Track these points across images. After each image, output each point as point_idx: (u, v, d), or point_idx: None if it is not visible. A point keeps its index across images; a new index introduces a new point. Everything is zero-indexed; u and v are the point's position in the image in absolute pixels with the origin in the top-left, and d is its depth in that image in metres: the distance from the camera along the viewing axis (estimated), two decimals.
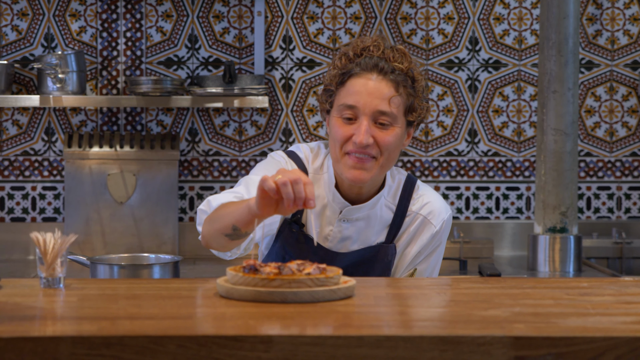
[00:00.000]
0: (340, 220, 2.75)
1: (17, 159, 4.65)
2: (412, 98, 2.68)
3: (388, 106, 2.64)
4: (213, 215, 2.55)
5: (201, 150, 4.69)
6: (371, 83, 2.65)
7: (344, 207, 2.74)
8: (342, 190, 2.75)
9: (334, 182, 2.74)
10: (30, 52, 4.64)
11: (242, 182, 2.70)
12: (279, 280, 2.13)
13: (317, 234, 2.76)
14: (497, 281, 2.50)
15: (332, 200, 2.75)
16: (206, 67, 4.68)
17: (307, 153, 2.80)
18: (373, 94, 2.64)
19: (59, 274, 2.30)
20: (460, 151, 4.77)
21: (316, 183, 2.77)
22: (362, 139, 2.62)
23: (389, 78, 2.65)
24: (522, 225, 4.77)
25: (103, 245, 4.55)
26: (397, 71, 2.66)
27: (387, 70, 2.65)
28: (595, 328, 1.93)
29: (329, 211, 2.76)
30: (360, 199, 2.75)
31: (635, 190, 4.83)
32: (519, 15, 4.77)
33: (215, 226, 2.51)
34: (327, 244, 2.76)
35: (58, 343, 1.82)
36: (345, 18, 4.71)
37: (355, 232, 2.76)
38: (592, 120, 4.81)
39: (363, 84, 2.66)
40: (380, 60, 2.66)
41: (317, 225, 2.76)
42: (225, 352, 1.83)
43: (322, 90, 2.74)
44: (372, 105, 2.64)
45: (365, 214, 2.75)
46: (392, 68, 2.66)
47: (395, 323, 2.02)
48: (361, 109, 2.64)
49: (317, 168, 2.78)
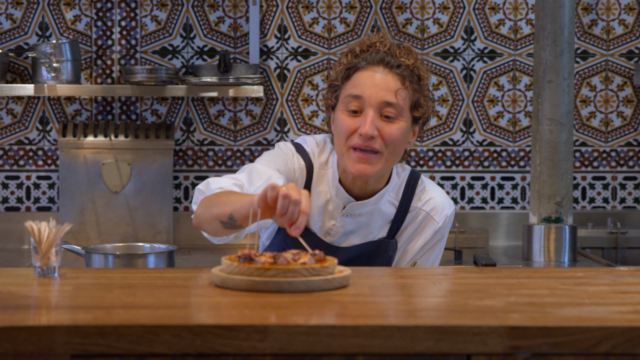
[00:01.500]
0: (343, 216, 2.74)
1: (11, 148, 4.64)
2: (418, 94, 2.67)
3: (394, 98, 2.62)
4: (212, 199, 2.52)
5: (196, 140, 4.69)
6: (377, 75, 2.65)
7: (348, 202, 2.73)
8: (346, 186, 2.74)
9: (338, 177, 2.74)
10: (25, 41, 4.62)
11: (246, 170, 2.66)
12: (274, 269, 2.13)
13: (320, 229, 2.76)
14: (493, 271, 2.50)
15: (336, 195, 2.74)
16: (201, 56, 4.67)
17: (313, 147, 2.79)
18: (379, 85, 2.63)
19: (54, 263, 2.29)
20: (456, 141, 4.77)
21: (321, 178, 2.76)
22: (367, 129, 2.60)
23: (395, 72, 2.65)
24: (517, 215, 4.77)
25: (98, 234, 4.55)
26: (403, 66, 2.66)
27: (393, 64, 2.65)
28: (590, 318, 1.93)
29: (331, 206, 2.75)
30: (365, 194, 2.74)
31: (630, 180, 4.83)
32: (514, 4, 4.76)
33: (213, 211, 2.49)
34: (328, 238, 2.76)
35: (53, 332, 1.82)
36: (341, 7, 4.71)
37: (358, 227, 2.75)
38: (588, 110, 4.81)
39: (369, 76, 2.65)
40: (387, 55, 2.66)
41: (319, 219, 2.75)
42: (220, 342, 1.82)
43: (327, 86, 2.73)
44: (378, 97, 2.62)
45: (369, 209, 2.74)
46: (398, 63, 2.65)
47: (390, 313, 2.02)
48: (367, 100, 2.63)
49: (322, 163, 2.77)
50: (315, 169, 2.76)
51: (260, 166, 2.65)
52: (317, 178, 2.76)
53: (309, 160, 2.76)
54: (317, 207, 2.75)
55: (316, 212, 2.75)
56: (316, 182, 2.75)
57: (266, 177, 2.61)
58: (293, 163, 2.72)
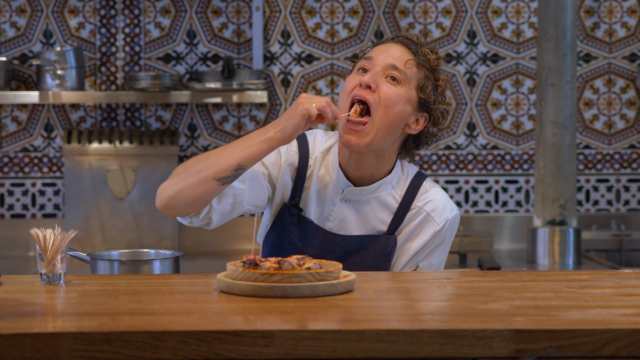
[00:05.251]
0: (342, 201, 2.75)
1: (16, 156, 4.65)
2: (429, 81, 2.70)
3: (402, 65, 2.69)
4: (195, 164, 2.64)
5: (200, 146, 4.69)
6: (393, 47, 2.73)
7: (347, 187, 2.75)
8: (347, 172, 2.76)
9: (338, 161, 2.75)
10: (29, 48, 4.64)
11: None
12: (279, 274, 2.14)
13: (319, 214, 2.77)
14: (497, 274, 2.50)
15: (336, 180, 2.75)
16: (205, 62, 4.68)
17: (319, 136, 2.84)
18: (389, 52, 2.72)
19: (59, 270, 2.30)
20: (459, 145, 4.78)
21: (323, 163, 2.79)
22: (367, 78, 2.66)
23: (411, 48, 2.72)
24: (521, 219, 4.77)
25: (103, 241, 4.56)
26: (422, 52, 2.71)
27: (411, 46, 2.71)
28: (595, 320, 1.93)
29: (331, 190, 2.76)
30: (365, 182, 2.76)
31: (634, 183, 4.83)
32: (517, 8, 4.77)
33: (203, 173, 2.59)
34: (327, 224, 2.76)
35: (59, 339, 1.82)
36: (344, 12, 4.71)
37: (356, 214, 2.76)
38: (591, 113, 4.81)
39: (385, 46, 2.74)
40: (405, 39, 2.74)
41: (317, 204, 2.76)
42: (226, 347, 1.83)
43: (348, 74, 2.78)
44: (387, 59, 2.69)
45: (367, 197, 2.75)
46: (417, 48, 2.71)
47: (395, 317, 2.02)
48: (375, 60, 2.70)
49: (327, 148, 2.81)
50: (318, 154, 2.79)
51: None
52: (320, 163, 2.78)
53: (305, 147, 2.79)
54: (317, 192, 2.76)
55: (315, 197, 2.76)
56: (318, 167, 2.78)
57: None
58: (279, 150, 2.77)
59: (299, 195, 2.77)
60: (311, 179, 2.78)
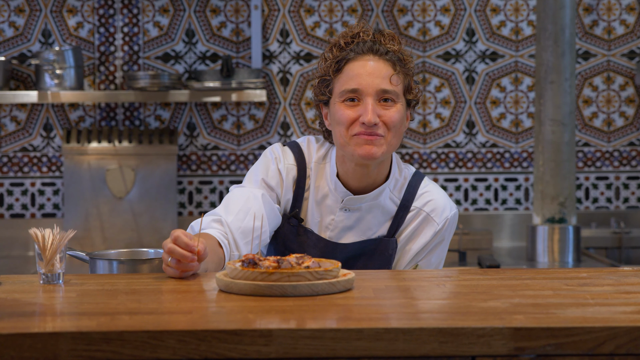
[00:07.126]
0: (342, 209, 2.75)
1: (15, 155, 4.65)
2: (408, 77, 2.71)
3: (389, 84, 2.66)
4: None
5: (199, 145, 4.69)
6: (369, 64, 2.68)
7: (346, 196, 2.74)
8: (345, 181, 2.75)
9: (336, 171, 2.74)
10: (28, 48, 4.63)
11: (225, 199, 2.75)
12: (278, 273, 2.14)
13: (318, 224, 2.76)
14: (496, 272, 2.50)
15: (334, 190, 2.74)
16: (203, 61, 4.67)
17: (312, 144, 2.81)
18: (373, 74, 2.66)
19: (58, 270, 2.30)
20: (459, 143, 4.78)
21: (319, 172, 2.78)
22: (369, 117, 2.63)
23: (385, 59, 2.68)
24: (520, 216, 4.77)
25: (102, 240, 4.56)
26: (391, 52, 2.69)
27: (382, 51, 2.68)
28: (594, 318, 1.93)
29: (330, 200, 2.75)
30: (363, 189, 2.75)
31: (633, 180, 4.83)
32: (515, 6, 4.77)
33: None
34: (327, 233, 2.76)
35: (57, 339, 1.82)
36: (342, 11, 4.71)
37: (357, 223, 2.75)
38: (590, 111, 4.81)
39: (361, 65, 2.68)
40: (374, 44, 2.69)
41: (317, 215, 2.76)
42: (225, 347, 1.83)
43: (317, 82, 2.75)
44: (375, 85, 2.65)
45: (368, 204, 2.75)
46: (386, 50, 2.69)
47: (394, 315, 2.02)
48: (364, 90, 2.65)
49: (320, 157, 2.80)
50: (313, 164, 2.78)
51: (238, 191, 2.74)
52: (316, 173, 2.77)
53: (301, 157, 2.78)
54: (316, 202, 2.76)
55: (315, 207, 2.76)
56: (314, 177, 2.77)
57: (243, 199, 2.69)
58: (277, 166, 2.75)
59: (299, 206, 2.77)
60: (310, 190, 2.78)
